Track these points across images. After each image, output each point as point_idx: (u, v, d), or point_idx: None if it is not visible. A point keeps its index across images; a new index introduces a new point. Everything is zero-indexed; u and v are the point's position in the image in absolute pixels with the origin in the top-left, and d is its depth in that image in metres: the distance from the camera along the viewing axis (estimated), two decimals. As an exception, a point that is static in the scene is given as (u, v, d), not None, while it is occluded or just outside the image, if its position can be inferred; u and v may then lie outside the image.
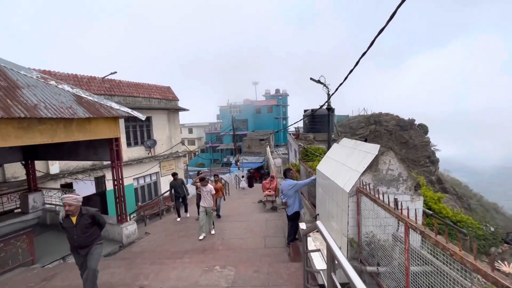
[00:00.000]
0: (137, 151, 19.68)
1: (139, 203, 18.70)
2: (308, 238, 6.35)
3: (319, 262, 5.03)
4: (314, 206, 7.71)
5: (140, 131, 20.18)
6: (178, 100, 22.90)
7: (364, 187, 4.74)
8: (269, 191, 13.98)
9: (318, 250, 4.67)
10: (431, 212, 5.54)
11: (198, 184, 10.02)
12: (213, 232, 9.53)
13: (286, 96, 66.93)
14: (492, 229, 7.16)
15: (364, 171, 5.03)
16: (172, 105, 22.26)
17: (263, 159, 41.90)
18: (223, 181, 21.95)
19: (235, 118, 45.43)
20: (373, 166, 5.06)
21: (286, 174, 7.90)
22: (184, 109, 22.70)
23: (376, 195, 4.29)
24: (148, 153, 20.12)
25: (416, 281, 3.18)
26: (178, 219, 12.04)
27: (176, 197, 11.90)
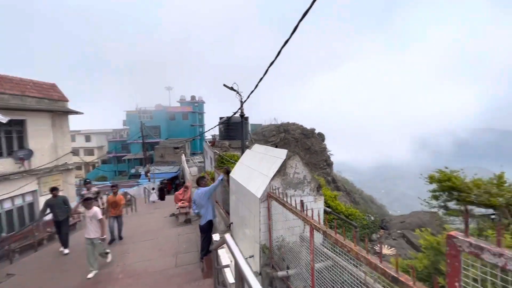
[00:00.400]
0: (1, 165, 14.93)
1: (2, 234, 14.08)
2: (221, 250, 6.01)
3: (230, 276, 4.75)
4: (229, 214, 7.48)
5: (7, 139, 15.44)
6: (67, 100, 18.83)
7: (274, 191, 4.80)
8: (183, 203, 13.00)
9: (227, 266, 4.38)
10: (330, 210, 6.21)
11: (80, 210, 8.04)
12: (109, 259, 7.91)
13: (202, 103, 65.89)
14: (372, 218, 8.80)
15: (274, 176, 5.14)
16: (58, 106, 18.09)
17: (178, 169, 39.50)
18: (128, 196, 19.18)
19: (145, 125, 41.30)
20: (281, 171, 5.24)
21: (199, 182, 7.41)
22: (75, 112, 18.80)
23: (285, 199, 4.38)
24: (20, 167, 15.58)
25: (320, 278, 3.33)
26: (66, 250, 9.41)
27: (55, 222, 9.29)
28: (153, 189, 22.82)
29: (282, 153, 5.42)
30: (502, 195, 4.34)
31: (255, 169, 6.03)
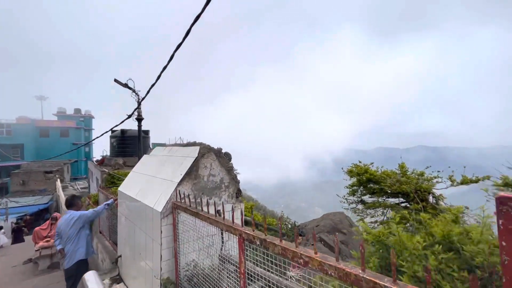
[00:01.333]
0: None
1: None
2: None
3: None
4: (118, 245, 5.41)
5: None
6: None
7: (183, 200, 3.51)
8: (47, 241, 9.26)
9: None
10: (249, 218, 5.32)
11: None
12: None
13: (90, 118, 55.18)
14: (290, 225, 8.59)
15: (183, 180, 3.83)
16: None
17: (50, 199, 30.39)
18: None
19: (-3, 142, 30.45)
20: (192, 172, 4.00)
21: (71, 203, 5.09)
22: None
23: (199, 207, 3.18)
24: None
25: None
26: None
27: None
28: (1, 228, 16.15)
29: (193, 151, 4.21)
30: (409, 182, 4.69)
31: (155, 175, 4.52)
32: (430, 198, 4.36)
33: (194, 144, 4.93)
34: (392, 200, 4.99)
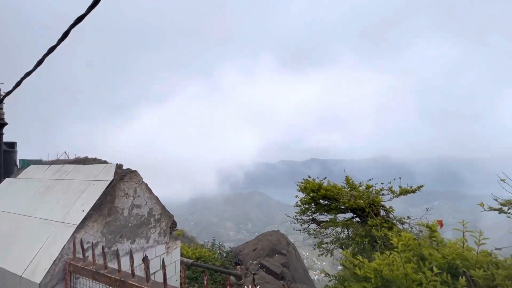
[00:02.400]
0: None
1: None
2: None
3: None
4: None
5: None
6: None
7: (87, 255, 2.09)
8: None
9: None
10: (191, 261, 4.03)
11: None
12: None
13: None
14: (225, 254, 7.43)
15: (87, 219, 2.35)
16: None
17: None
18: None
19: None
20: (105, 205, 2.55)
21: None
22: None
23: (109, 267, 1.90)
24: None
25: None
26: None
27: None
28: None
29: (105, 171, 2.75)
30: (362, 196, 4.63)
31: (30, 214, 2.74)
32: (381, 211, 4.41)
33: (85, 160, 3.35)
34: (342, 216, 4.85)
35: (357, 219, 4.73)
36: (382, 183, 4.63)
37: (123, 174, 2.77)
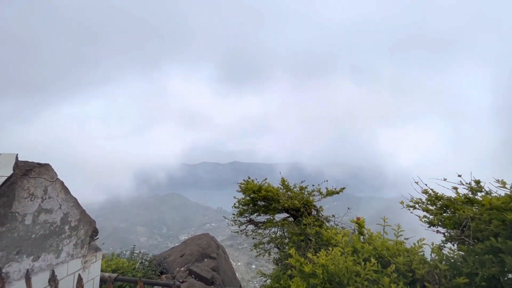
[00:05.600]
0: None
1: None
2: None
3: None
4: None
5: None
6: None
7: None
8: None
9: None
10: (115, 275, 3.29)
11: None
12: None
13: None
14: (147, 263, 6.48)
15: None
16: None
17: None
18: None
19: None
20: (-4, 211, 1.81)
21: None
22: None
23: None
24: None
25: None
26: None
27: None
28: None
29: (0, 163, 1.98)
30: (297, 197, 4.86)
31: None
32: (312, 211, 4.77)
33: None
34: (278, 216, 5.02)
35: (291, 218, 5.03)
36: (313, 185, 5.10)
37: (28, 168, 2.07)
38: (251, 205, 5.02)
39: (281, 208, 4.78)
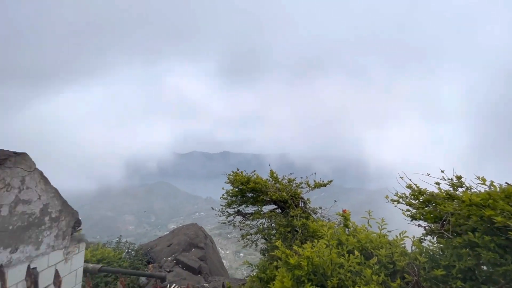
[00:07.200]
0: None
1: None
2: None
3: None
4: None
5: None
6: None
7: None
8: None
9: None
10: (99, 266, 3.24)
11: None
12: None
13: None
14: (133, 253, 6.43)
15: None
16: None
17: None
18: None
19: None
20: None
21: None
22: None
23: None
24: None
25: None
26: None
27: None
28: None
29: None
30: (284, 189, 4.90)
31: None
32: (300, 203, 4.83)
33: None
34: (265, 208, 5.05)
35: (278, 210, 5.09)
36: (301, 177, 5.16)
37: (3, 157, 1.97)
38: (239, 196, 5.04)
39: (269, 200, 4.82)
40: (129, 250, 6.17)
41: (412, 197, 2.88)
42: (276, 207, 5.09)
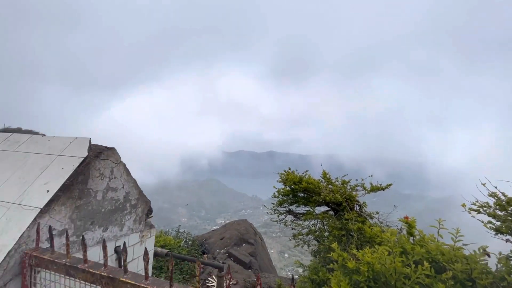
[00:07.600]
0: None
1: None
2: None
3: None
4: None
5: None
6: None
7: (48, 249, 1.72)
8: None
9: None
10: (166, 251, 3.69)
11: None
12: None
13: None
14: (190, 242, 7.13)
15: (53, 202, 1.93)
16: None
17: None
18: None
19: None
20: (76, 186, 2.13)
21: None
22: None
23: (84, 256, 1.61)
24: None
25: None
26: None
27: None
28: None
29: (76, 146, 2.30)
30: (339, 191, 4.78)
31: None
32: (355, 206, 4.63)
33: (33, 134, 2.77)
34: (318, 209, 4.98)
35: (331, 212, 4.94)
36: (356, 179, 4.90)
37: (99, 151, 2.36)
38: (291, 195, 5.05)
39: (321, 201, 4.70)
40: (187, 240, 6.76)
41: (497, 207, 2.49)
42: (328, 209, 4.94)
